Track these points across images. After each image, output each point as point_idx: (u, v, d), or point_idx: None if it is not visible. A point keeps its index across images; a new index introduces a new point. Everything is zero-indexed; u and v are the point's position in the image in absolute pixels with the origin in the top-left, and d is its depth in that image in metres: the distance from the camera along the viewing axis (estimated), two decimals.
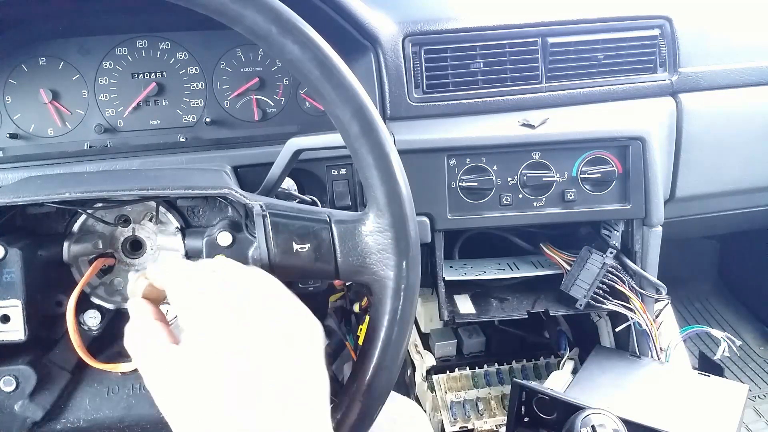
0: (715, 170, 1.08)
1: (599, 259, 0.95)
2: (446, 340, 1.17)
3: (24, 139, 0.93)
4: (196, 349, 0.45)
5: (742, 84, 1.07)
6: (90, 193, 0.62)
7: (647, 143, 0.92)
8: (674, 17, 1.02)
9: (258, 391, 0.42)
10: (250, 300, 0.47)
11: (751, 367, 1.65)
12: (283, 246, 0.58)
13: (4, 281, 0.64)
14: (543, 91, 0.99)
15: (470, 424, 1.05)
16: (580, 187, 0.93)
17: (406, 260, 0.55)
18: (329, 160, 0.91)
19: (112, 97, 0.95)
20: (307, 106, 0.99)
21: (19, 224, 0.69)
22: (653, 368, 0.94)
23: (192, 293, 0.48)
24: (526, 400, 0.85)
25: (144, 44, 0.95)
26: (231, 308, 0.46)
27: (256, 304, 0.47)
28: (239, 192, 0.62)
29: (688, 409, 0.85)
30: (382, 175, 0.54)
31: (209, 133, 0.97)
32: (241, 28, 0.52)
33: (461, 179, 0.92)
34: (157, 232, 0.71)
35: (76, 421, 0.70)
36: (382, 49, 0.93)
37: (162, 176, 0.77)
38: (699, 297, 1.87)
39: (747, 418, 1.42)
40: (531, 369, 1.13)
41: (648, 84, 1.02)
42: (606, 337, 1.07)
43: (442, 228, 0.93)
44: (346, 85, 0.53)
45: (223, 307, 0.46)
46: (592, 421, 0.73)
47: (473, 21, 0.96)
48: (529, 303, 0.99)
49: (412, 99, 0.95)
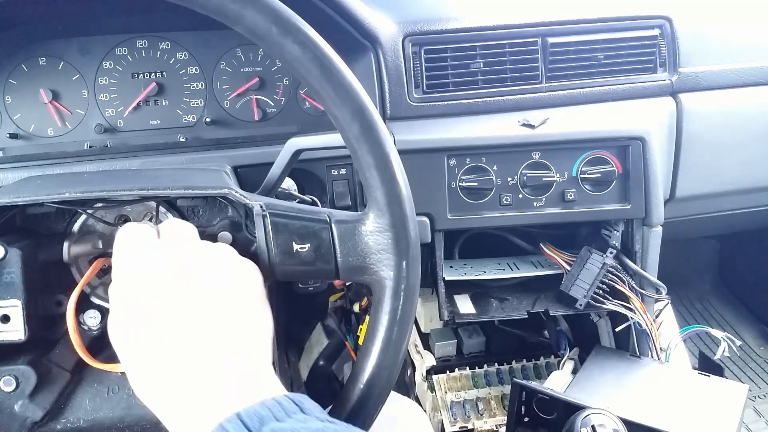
0: (715, 170, 1.08)
1: (599, 259, 0.95)
2: (446, 340, 1.17)
3: (24, 139, 0.93)
4: (121, 311, 0.50)
5: (742, 84, 1.07)
6: (90, 193, 0.62)
7: (647, 143, 0.92)
8: (674, 17, 1.02)
9: (186, 345, 0.47)
10: (184, 262, 0.52)
11: (751, 367, 1.65)
12: (283, 246, 0.58)
13: (4, 281, 0.64)
14: (543, 91, 0.99)
15: (470, 424, 1.05)
16: (580, 187, 0.93)
17: (406, 260, 0.55)
18: (329, 160, 0.91)
19: (112, 97, 0.95)
20: (307, 106, 0.99)
21: (19, 224, 0.68)
22: (653, 368, 0.94)
23: (128, 255, 0.53)
24: (526, 400, 0.85)
25: (144, 44, 0.95)
26: (162, 270, 0.51)
27: (189, 264, 0.52)
28: (239, 192, 0.62)
29: (688, 409, 0.85)
30: (382, 175, 0.54)
31: (209, 133, 0.97)
32: (241, 28, 0.52)
33: (461, 179, 0.92)
34: None
35: (76, 421, 0.70)
36: (382, 49, 0.93)
37: (162, 176, 0.77)
38: (699, 297, 1.87)
39: (747, 418, 1.42)
40: (531, 369, 1.13)
41: (648, 84, 1.02)
42: (606, 337, 1.07)
43: (442, 228, 0.93)
44: (346, 85, 0.53)
45: (151, 272, 0.51)
46: (592, 421, 0.73)
47: (473, 21, 0.96)
48: (529, 303, 0.99)
49: (412, 99, 0.95)
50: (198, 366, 0.46)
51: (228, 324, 0.49)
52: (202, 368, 0.46)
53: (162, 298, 0.49)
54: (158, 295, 0.49)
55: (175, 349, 0.47)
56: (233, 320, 0.49)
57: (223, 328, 0.48)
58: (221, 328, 0.48)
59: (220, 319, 0.49)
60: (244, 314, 0.50)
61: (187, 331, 0.47)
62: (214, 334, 0.48)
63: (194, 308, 0.49)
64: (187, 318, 0.48)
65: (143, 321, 0.48)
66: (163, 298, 0.49)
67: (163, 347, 0.47)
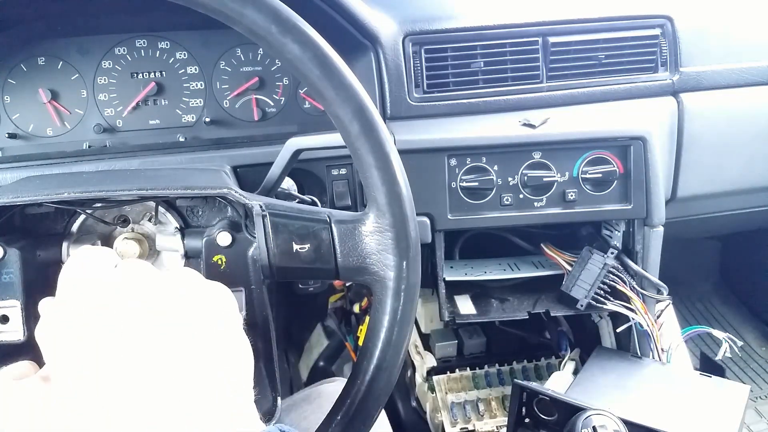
0: (716, 170, 1.07)
1: (600, 260, 0.94)
2: (447, 341, 1.17)
3: (23, 138, 0.93)
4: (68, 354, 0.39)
5: (743, 84, 1.06)
6: (89, 193, 0.62)
7: (648, 143, 0.92)
8: (675, 16, 1.02)
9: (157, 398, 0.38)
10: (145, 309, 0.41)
11: (752, 367, 1.64)
12: (282, 246, 0.58)
13: (3, 281, 0.63)
14: (544, 91, 0.99)
15: (471, 425, 1.05)
16: (581, 187, 0.93)
17: (406, 260, 0.55)
18: (329, 160, 0.90)
19: (111, 97, 0.94)
20: (307, 105, 0.99)
21: (18, 224, 0.68)
22: (654, 369, 0.94)
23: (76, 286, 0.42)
24: (526, 401, 0.85)
25: (143, 44, 0.95)
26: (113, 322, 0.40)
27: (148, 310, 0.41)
28: (239, 192, 0.62)
29: (690, 409, 0.85)
30: (382, 175, 0.54)
31: (209, 132, 0.97)
32: (241, 28, 0.51)
33: (462, 179, 0.92)
34: (156, 233, 0.71)
35: None
36: (382, 48, 0.93)
37: (161, 176, 0.77)
38: (700, 297, 1.87)
39: (748, 419, 1.42)
40: (532, 370, 1.13)
41: (649, 83, 1.02)
42: (607, 337, 1.07)
43: (442, 228, 0.93)
44: (346, 84, 0.52)
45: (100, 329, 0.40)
46: (593, 422, 0.72)
47: (474, 20, 0.96)
48: (530, 303, 0.99)
49: (413, 99, 0.95)
50: (165, 415, 0.38)
51: (198, 360, 0.40)
52: (170, 416, 0.38)
53: (117, 339, 0.39)
54: (114, 335, 0.39)
55: (135, 399, 0.37)
56: (203, 355, 0.41)
57: (193, 365, 0.40)
58: (190, 365, 0.40)
59: (189, 355, 0.40)
60: (215, 346, 0.42)
61: (148, 374, 0.38)
62: (182, 373, 0.39)
63: (157, 346, 0.39)
64: (148, 359, 0.39)
65: (98, 367, 0.38)
66: (118, 338, 0.39)
67: (122, 397, 0.37)
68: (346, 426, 0.55)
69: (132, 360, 0.38)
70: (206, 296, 0.45)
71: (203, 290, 0.45)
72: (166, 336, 0.40)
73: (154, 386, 0.38)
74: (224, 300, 0.46)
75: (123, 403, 0.37)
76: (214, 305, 0.44)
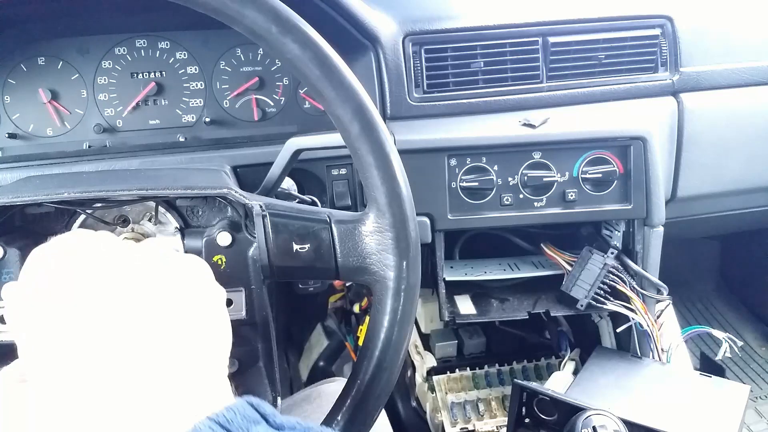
0: (716, 170, 1.07)
1: (600, 260, 0.94)
2: (447, 341, 1.17)
3: (23, 138, 0.93)
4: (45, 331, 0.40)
5: (743, 84, 1.06)
6: (89, 193, 0.62)
7: (648, 143, 0.92)
8: (675, 16, 1.02)
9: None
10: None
11: (752, 367, 1.64)
12: (282, 246, 0.58)
13: (3, 281, 0.63)
14: (544, 91, 0.99)
15: (471, 425, 1.05)
16: (581, 187, 0.93)
17: (406, 260, 0.55)
18: (329, 160, 0.90)
19: (111, 97, 0.94)
20: (307, 105, 0.99)
21: (18, 224, 0.68)
22: (654, 369, 0.94)
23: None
24: (526, 401, 0.85)
25: (143, 44, 0.95)
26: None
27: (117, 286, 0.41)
28: (239, 192, 0.62)
29: (690, 410, 0.85)
30: (382, 175, 0.54)
31: (209, 132, 0.97)
32: (241, 28, 0.51)
33: (462, 179, 0.92)
34: (156, 233, 0.71)
35: None
36: (382, 48, 0.93)
37: (161, 176, 0.77)
38: (700, 297, 1.87)
39: (748, 419, 1.42)
40: (532, 370, 1.13)
41: (649, 83, 1.02)
42: (607, 337, 1.07)
43: (442, 228, 0.93)
44: (346, 84, 0.52)
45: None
46: (593, 422, 0.72)
47: (474, 20, 0.96)
48: (529, 303, 0.99)
49: (413, 99, 0.95)
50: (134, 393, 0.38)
51: (168, 333, 0.40)
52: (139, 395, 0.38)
53: (86, 312, 0.39)
54: (85, 309, 0.40)
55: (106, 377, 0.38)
56: (174, 328, 0.41)
57: (162, 338, 0.40)
58: (158, 339, 0.40)
59: (157, 329, 0.40)
60: (187, 319, 0.42)
61: (117, 353, 0.39)
62: (151, 347, 0.39)
63: (127, 319, 0.40)
64: (117, 335, 0.39)
65: (77, 341, 0.39)
66: (87, 311, 0.39)
67: (91, 374, 0.38)
68: (346, 426, 0.55)
69: (98, 335, 0.39)
70: (177, 269, 0.44)
71: (175, 263, 0.45)
72: (133, 309, 0.40)
73: (122, 360, 0.38)
74: (196, 272, 0.45)
75: (94, 377, 0.38)
76: (185, 277, 0.44)
